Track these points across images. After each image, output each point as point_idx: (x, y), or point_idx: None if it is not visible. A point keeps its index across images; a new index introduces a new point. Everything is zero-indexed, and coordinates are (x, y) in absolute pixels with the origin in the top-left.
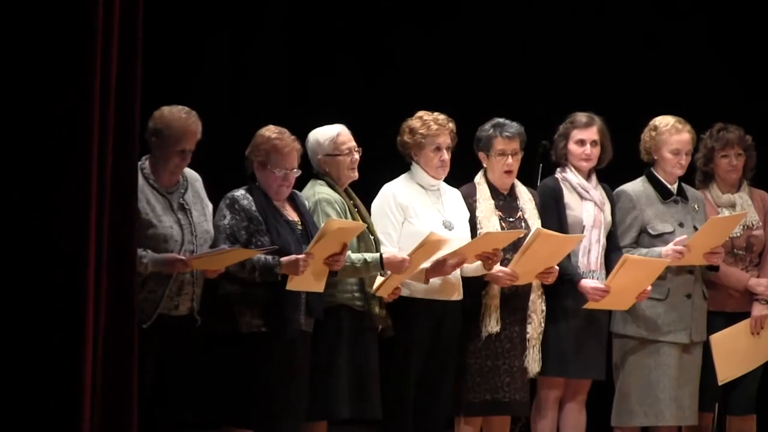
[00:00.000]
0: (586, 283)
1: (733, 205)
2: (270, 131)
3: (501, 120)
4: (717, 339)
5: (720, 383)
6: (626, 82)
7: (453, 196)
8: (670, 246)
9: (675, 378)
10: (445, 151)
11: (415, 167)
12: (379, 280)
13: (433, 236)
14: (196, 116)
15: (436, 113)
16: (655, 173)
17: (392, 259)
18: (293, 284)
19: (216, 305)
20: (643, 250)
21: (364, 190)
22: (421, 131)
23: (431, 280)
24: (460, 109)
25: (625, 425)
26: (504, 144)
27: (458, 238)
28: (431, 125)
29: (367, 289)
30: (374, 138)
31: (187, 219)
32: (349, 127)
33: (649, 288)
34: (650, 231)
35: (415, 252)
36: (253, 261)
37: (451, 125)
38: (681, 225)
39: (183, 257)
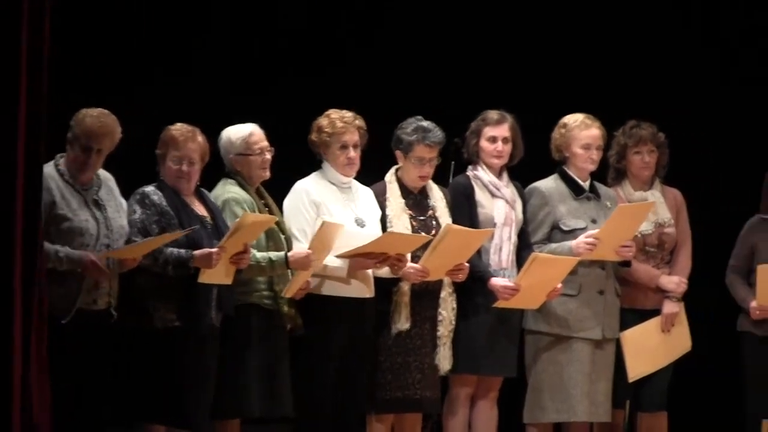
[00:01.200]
0: (496, 281)
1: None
2: (174, 126)
3: (424, 124)
4: (628, 336)
5: (630, 380)
6: (540, 82)
7: (365, 193)
8: (581, 239)
9: (587, 374)
10: (352, 148)
11: (325, 165)
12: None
13: (326, 224)
14: (111, 118)
15: (344, 111)
16: (567, 171)
17: (296, 256)
18: (205, 277)
19: (131, 301)
20: (553, 245)
21: (280, 189)
22: (327, 129)
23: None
24: (374, 107)
25: (537, 421)
26: (425, 152)
27: (370, 235)
28: (337, 123)
29: (275, 288)
30: (293, 136)
31: (102, 214)
32: (267, 126)
33: (560, 286)
34: (562, 227)
35: (314, 243)
36: (166, 254)
37: (359, 123)
38: (594, 221)
39: (97, 260)
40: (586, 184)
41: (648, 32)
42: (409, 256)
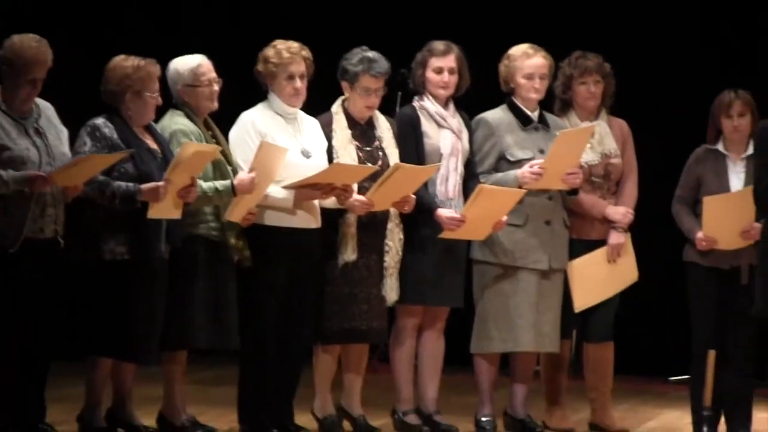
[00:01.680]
0: (442, 212)
1: (591, 134)
2: (132, 60)
3: (370, 54)
4: (574, 266)
5: (577, 311)
6: (491, 12)
7: (311, 124)
8: (526, 168)
9: (533, 304)
10: (298, 79)
11: (271, 96)
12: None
13: (264, 145)
14: (46, 45)
15: (290, 42)
16: (515, 101)
17: (241, 182)
18: (153, 212)
19: (80, 233)
20: (499, 174)
21: (225, 121)
22: (273, 60)
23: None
24: (318, 38)
25: (484, 351)
26: (370, 82)
27: (317, 166)
28: (284, 54)
29: (222, 219)
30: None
31: (42, 142)
32: (214, 57)
33: (505, 218)
34: (509, 157)
35: (255, 165)
36: (114, 188)
37: (305, 53)
38: (541, 152)
39: (43, 173)
40: (534, 115)
41: None
42: (355, 187)
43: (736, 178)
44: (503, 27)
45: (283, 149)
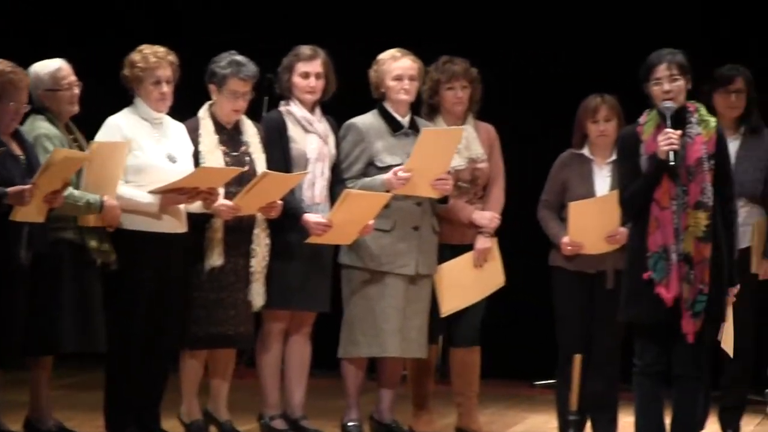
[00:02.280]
0: (309, 217)
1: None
2: (2, 65)
3: (238, 58)
4: (440, 271)
5: (443, 315)
6: (357, 18)
7: (177, 129)
8: (392, 172)
9: (400, 310)
10: (165, 84)
11: (137, 100)
12: None
13: (97, 147)
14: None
15: (156, 46)
16: (386, 107)
17: (109, 203)
18: (18, 215)
19: None
20: (366, 179)
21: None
22: (140, 65)
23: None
24: (188, 43)
25: (350, 356)
26: (238, 85)
27: (182, 171)
28: (150, 58)
29: (80, 223)
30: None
31: None
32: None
33: (371, 223)
34: (378, 164)
35: (89, 170)
36: None
37: (172, 58)
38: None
39: None
40: (405, 120)
41: None
42: (222, 191)
43: (602, 182)
44: (370, 32)
45: (122, 143)
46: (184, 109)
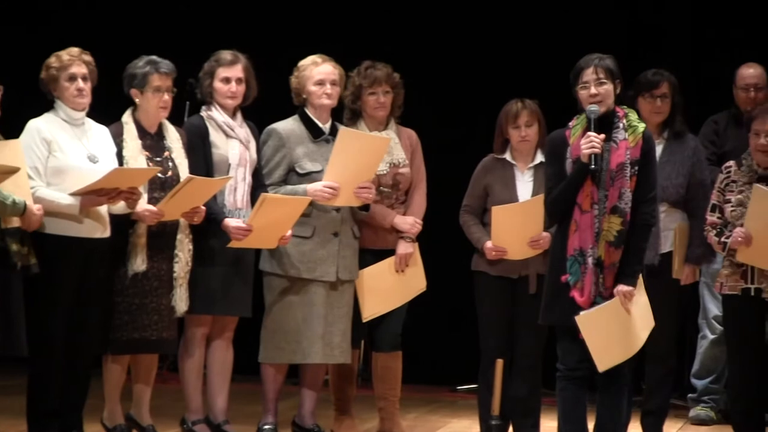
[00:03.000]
0: (229, 222)
1: None
2: None
3: (153, 57)
4: (362, 276)
5: (364, 320)
6: (278, 24)
7: (99, 131)
8: (318, 184)
9: (322, 316)
10: (80, 80)
11: (57, 103)
12: None
13: None
14: None
15: (72, 48)
16: (307, 112)
17: (30, 211)
18: None
19: None
20: (288, 187)
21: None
22: (54, 65)
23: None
24: (100, 47)
25: (272, 362)
26: (160, 80)
27: (104, 171)
28: (64, 57)
29: (2, 225)
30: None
31: None
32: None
33: (289, 234)
34: (298, 170)
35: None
36: None
37: (87, 57)
38: (329, 161)
39: None
40: (325, 127)
41: None
42: (145, 197)
43: (524, 187)
44: (292, 38)
45: (13, 141)
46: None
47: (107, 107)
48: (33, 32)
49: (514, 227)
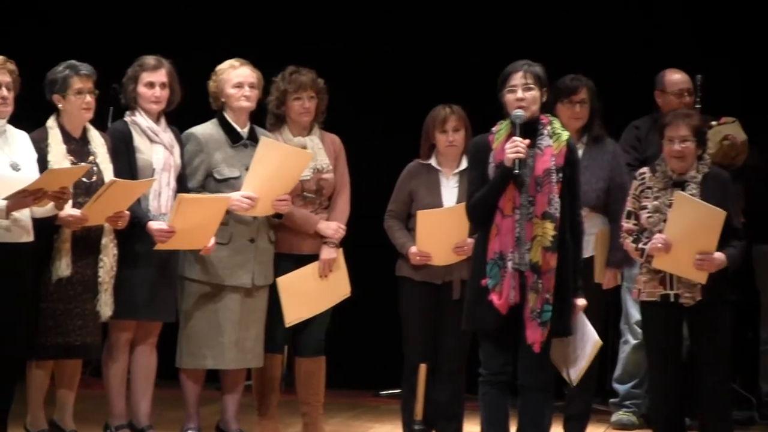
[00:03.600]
0: (152, 224)
1: (304, 148)
2: None
3: (73, 61)
4: (284, 281)
5: (287, 325)
6: (203, 28)
7: (20, 137)
8: (237, 194)
9: (237, 322)
10: (4, 88)
11: None
12: None
13: None
14: None
15: None
16: (226, 117)
17: None
18: None
19: None
20: (209, 195)
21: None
22: None
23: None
24: (22, 54)
25: (190, 367)
26: (81, 82)
27: (27, 178)
28: None
29: None
30: None
31: None
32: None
33: (211, 244)
34: (216, 176)
35: None
36: None
37: (10, 66)
38: (248, 170)
39: None
40: (244, 131)
41: None
42: (70, 202)
43: (449, 193)
44: (214, 43)
45: None
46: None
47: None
48: None
49: (439, 233)
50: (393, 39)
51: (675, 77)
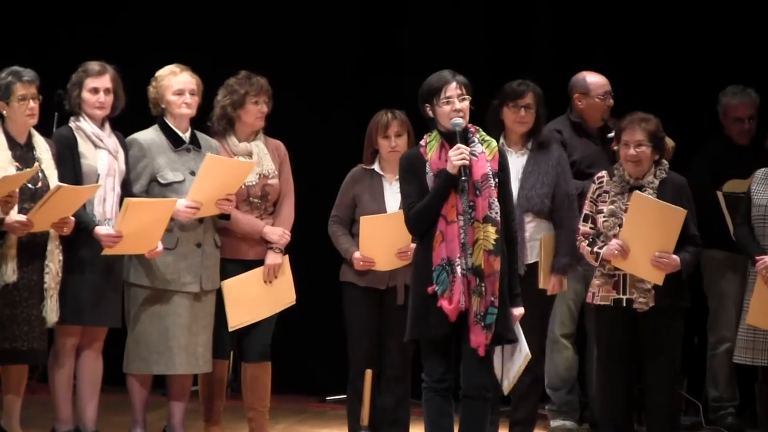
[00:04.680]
0: (99, 229)
1: (249, 154)
2: None
3: (15, 68)
4: (228, 285)
5: (230, 330)
6: (146, 35)
7: None
8: (181, 205)
9: (186, 327)
10: None
11: None
12: None
13: None
14: None
15: None
16: (167, 122)
17: None
18: None
19: None
20: (156, 199)
21: None
22: None
23: None
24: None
25: (137, 372)
26: (24, 89)
27: None
28: None
29: None
30: None
31: None
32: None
33: (159, 249)
34: (160, 180)
35: None
36: None
37: None
38: (192, 173)
39: None
40: (185, 135)
41: None
42: (16, 208)
43: (392, 198)
44: (157, 48)
45: None
46: None
47: None
48: None
49: (383, 238)
50: (337, 44)
51: (597, 80)
